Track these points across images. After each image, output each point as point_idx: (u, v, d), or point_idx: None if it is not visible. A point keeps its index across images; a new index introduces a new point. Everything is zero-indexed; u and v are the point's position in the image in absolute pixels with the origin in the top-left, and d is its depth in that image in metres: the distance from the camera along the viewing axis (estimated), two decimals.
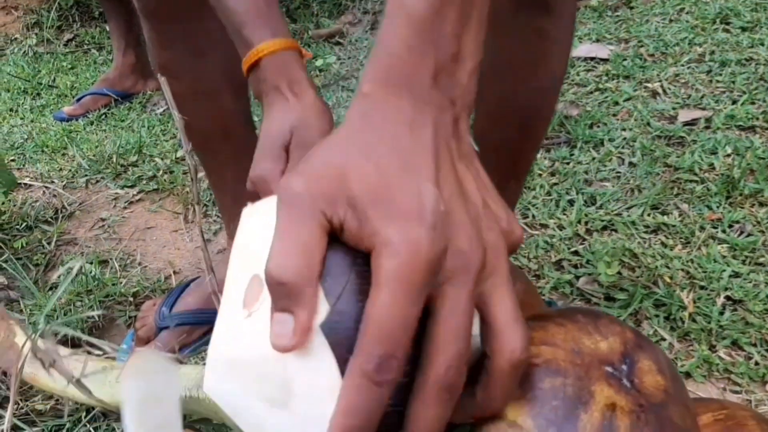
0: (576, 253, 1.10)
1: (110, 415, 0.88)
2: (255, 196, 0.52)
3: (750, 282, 0.99)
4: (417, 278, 0.32)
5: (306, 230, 0.34)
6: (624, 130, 1.39)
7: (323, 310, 0.34)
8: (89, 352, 0.78)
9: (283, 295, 0.34)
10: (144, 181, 1.50)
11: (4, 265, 1.22)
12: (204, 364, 0.92)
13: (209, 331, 1.05)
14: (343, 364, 0.33)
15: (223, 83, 0.90)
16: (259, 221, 0.43)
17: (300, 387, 0.35)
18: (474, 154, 0.40)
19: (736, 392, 0.86)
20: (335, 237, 0.35)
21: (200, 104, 0.90)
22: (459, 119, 0.39)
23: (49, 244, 1.31)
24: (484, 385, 0.37)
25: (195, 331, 1.05)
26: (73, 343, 0.98)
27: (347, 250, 0.35)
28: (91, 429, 0.87)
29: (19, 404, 0.92)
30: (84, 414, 0.89)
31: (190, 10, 0.85)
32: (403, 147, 0.35)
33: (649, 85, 1.54)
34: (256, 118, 0.99)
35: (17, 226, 1.35)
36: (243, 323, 0.38)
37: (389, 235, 0.33)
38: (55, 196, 1.48)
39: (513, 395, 0.38)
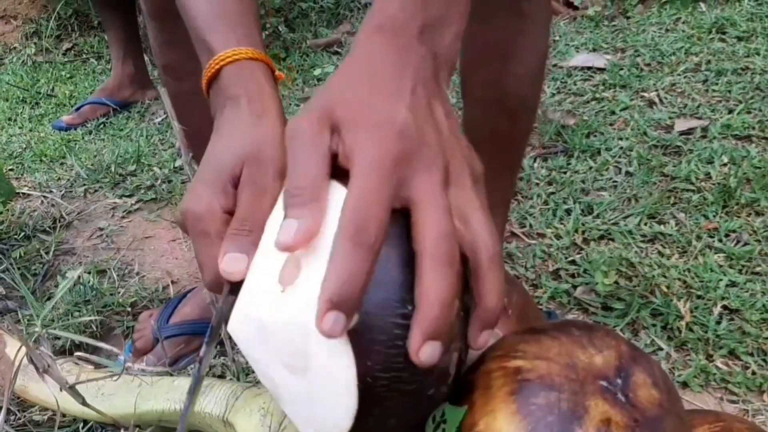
0: (573, 262, 1.10)
1: (106, 427, 0.88)
2: None
3: (747, 291, 1.00)
4: (387, 163, 0.37)
5: (313, 151, 0.39)
6: (621, 139, 1.39)
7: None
8: (86, 359, 0.78)
9: (297, 201, 0.38)
10: (142, 191, 1.50)
11: (2, 274, 1.22)
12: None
13: (204, 343, 1.06)
14: (360, 366, 0.36)
15: None
16: None
17: (317, 363, 0.37)
18: (448, 100, 0.44)
19: (733, 402, 0.86)
20: None
21: (203, 105, 0.91)
22: (439, 71, 0.43)
23: (47, 253, 1.31)
24: (474, 283, 0.40)
25: (192, 342, 1.05)
26: (70, 354, 0.98)
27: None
28: None
29: (16, 415, 0.92)
30: (81, 425, 0.89)
31: None
32: (384, 79, 0.41)
33: (645, 94, 1.54)
34: None
35: (15, 236, 1.35)
36: (277, 293, 0.39)
37: (361, 139, 0.38)
38: (53, 205, 1.48)
39: (500, 288, 0.40)
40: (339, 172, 0.39)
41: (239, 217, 0.44)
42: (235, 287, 0.43)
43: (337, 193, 0.39)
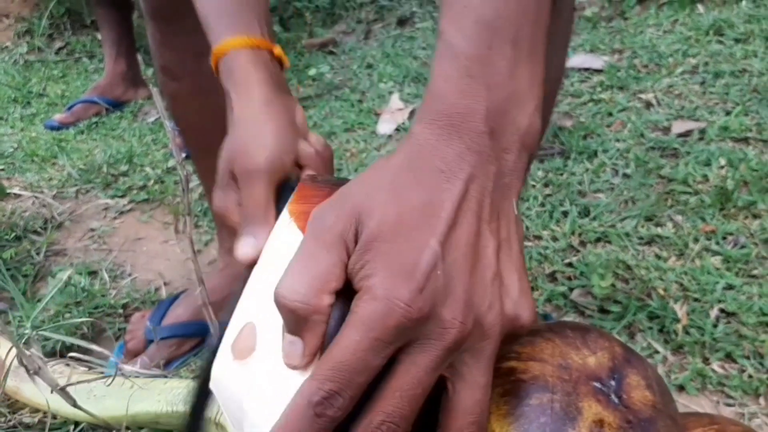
0: (570, 264, 1.09)
1: (98, 429, 0.87)
2: None
3: (743, 294, 0.99)
4: (385, 333, 0.32)
5: (325, 261, 0.35)
6: (618, 141, 1.39)
7: None
8: (78, 359, 0.77)
9: (292, 319, 0.35)
10: (134, 191, 1.49)
11: None
12: (194, 378, 0.90)
13: (199, 344, 1.05)
14: None
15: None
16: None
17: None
18: (512, 215, 0.38)
19: (730, 405, 0.85)
20: None
21: (200, 105, 0.91)
22: (504, 173, 0.37)
23: (38, 254, 1.30)
24: None
25: (185, 344, 1.04)
26: (61, 356, 0.97)
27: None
28: None
29: (6, 417, 0.91)
30: (72, 427, 0.87)
31: (193, 11, 0.86)
32: (430, 198, 0.35)
33: (643, 96, 1.54)
34: None
35: (6, 237, 1.34)
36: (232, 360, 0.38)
37: (374, 284, 0.33)
38: (44, 206, 1.46)
39: None
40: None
41: (243, 205, 0.48)
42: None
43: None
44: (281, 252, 0.39)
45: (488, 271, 0.36)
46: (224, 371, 0.39)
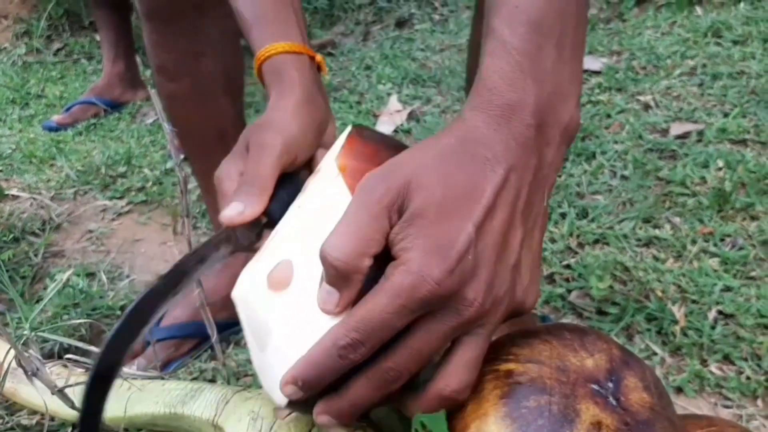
0: (568, 266, 1.09)
1: None
2: None
3: (741, 296, 0.99)
4: (411, 303, 0.36)
5: (369, 228, 0.38)
6: (616, 143, 1.39)
7: None
8: (76, 361, 0.77)
9: (333, 274, 0.38)
10: (133, 193, 1.49)
11: None
12: (191, 380, 0.90)
13: (198, 345, 1.05)
14: None
15: (220, 85, 0.91)
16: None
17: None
18: (542, 207, 0.41)
19: (728, 407, 0.85)
20: None
21: (197, 105, 0.91)
22: (543, 166, 0.40)
23: (36, 256, 1.30)
24: (412, 398, 0.41)
25: (183, 345, 1.04)
26: (59, 358, 0.97)
27: None
28: None
29: (4, 419, 0.91)
30: (70, 429, 0.87)
31: (190, 12, 0.86)
32: (473, 183, 0.38)
33: (641, 97, 1.54)
34: None
35: (4, 238, 1.34)
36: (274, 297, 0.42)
37: (411, 257, 0.37)
38: (42, 207, 1.46)
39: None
40: None
41: (244, 173, 0.49)
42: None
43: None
44: (326, 204, 0.43)
45: (511, 258, 0.39)
46: (256, 296, 0.43)
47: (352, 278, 0.38)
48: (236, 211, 0.46)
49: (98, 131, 1.83)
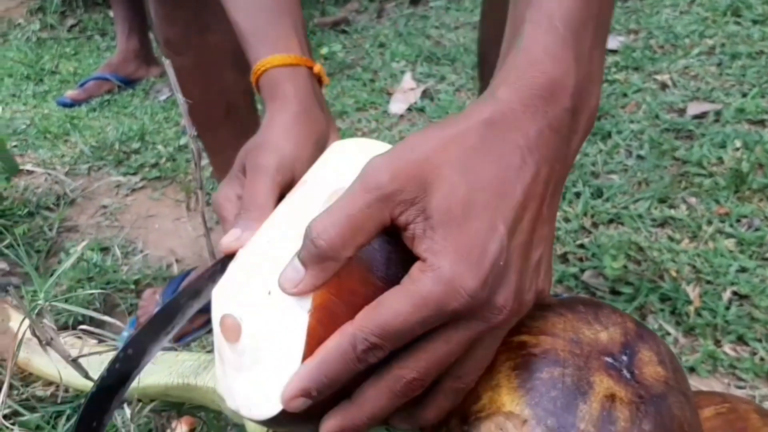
0: (582, 246, 1.09)
1: None
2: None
3: (757, 277, 0.98)
4: (440, 314, 0.33)
5: (364, 217, 0.34)
6: (632, 122, 1.37)
7: None
8: (90, 332, 0.77)
9: (312, 252, 0.35)
10: (146, 169, 1.49)
11: (5, 251, 1.21)
12: (205, 352, 0.91)
13: (211, 319, 1.05)
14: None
15: (226, 60, 0.91)
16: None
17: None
18: (560, 195, 0.39)
19: (741, 387, 0.85)
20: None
21: (203, 80, 0.91)
22: (569, 155, 0.38)
23: (50, 230, 1.30)
24: (423, 404, 0.38)
25: (196, 319, 1.04)
26: (73, 330, 0.97)
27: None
28: None
29: (19, 390, 0.92)
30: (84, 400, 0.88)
31: None
32: (503, 176, 0.35)
33: (658, 77, 1.52)
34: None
35: (19, 212, 1.35)
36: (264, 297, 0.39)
37: (443, 265, 0.33)
38: (57, 182, 1.47)
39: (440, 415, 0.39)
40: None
41: (242, 197, 0.47)
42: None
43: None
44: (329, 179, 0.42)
45: (536, 255, 0.37)
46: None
47: (327, 265, 0.35)
48: (234, 236, 0.45)
49: (112, 107, 1.84)
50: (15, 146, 1.66)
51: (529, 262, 0.36)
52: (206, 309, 1.00)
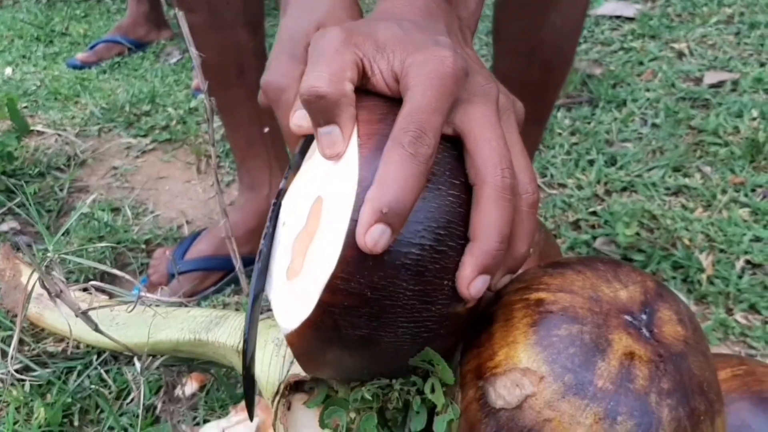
0: (594, 213, 1.08)
1: (120, 358, 0.88)
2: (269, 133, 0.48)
3: None
4: (445, 82, 0.34)
5: (337, 55, 0.36)
6: (648, 90, 1.35)
7: None
8: (100, 288, 0.77)
9: (322, 108, 0.35)
10: (157, 131, 1.48)
11: (17, 209, 1.21)
12: (220, 308, 0.91)
13: (222, 278, 1.05)
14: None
15: (239, 17, 0.89)
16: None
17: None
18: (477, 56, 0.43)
19: (752, 355, 0.85)
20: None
21: (216, 37, 0.90)
22: (463, 30, 0.43)
23: (61, 191, 1.30)
24: (514, 235, 0.37)
25: (208, 278, 1.04)
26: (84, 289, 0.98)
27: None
28: (102, 371, 0.88)
29: (30, 346, 0.92)
30: (95, 357, 0.89)
31: None
32: (419, 24, 0.39)
33: (675, 45, 1.49)
34: None
35: (30, 172, 1.35)
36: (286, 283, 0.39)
37: (416, 56, 0.35)
38: (67, 143, 1.47)
39: (531, 237, 0.38)
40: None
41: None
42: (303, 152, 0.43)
43: None
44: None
45: (484, 70, 0.40)
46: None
47: (342, 104, 0.35)
48: (304, 118, 0.41)
49: (122, 70, 1.82)
50: (25, 107, 1.66)
51: (484, 70, 0.40)
52: (215, 268, 0.98)
